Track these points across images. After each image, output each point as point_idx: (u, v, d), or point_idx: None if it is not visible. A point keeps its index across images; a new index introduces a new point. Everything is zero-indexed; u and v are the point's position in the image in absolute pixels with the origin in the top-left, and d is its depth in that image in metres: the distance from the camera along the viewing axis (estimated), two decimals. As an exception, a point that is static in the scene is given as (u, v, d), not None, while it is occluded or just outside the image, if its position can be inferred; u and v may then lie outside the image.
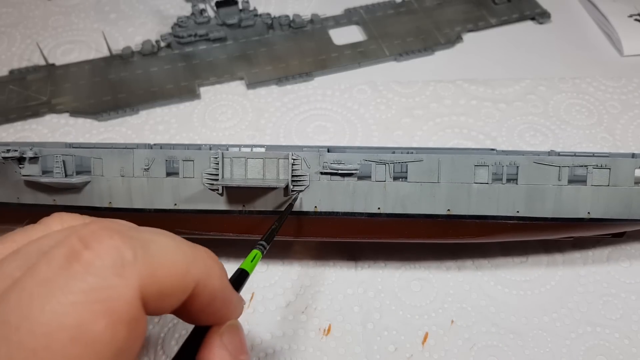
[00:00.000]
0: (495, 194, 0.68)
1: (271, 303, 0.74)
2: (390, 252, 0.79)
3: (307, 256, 0.79)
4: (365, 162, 0.68)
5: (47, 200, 0.72)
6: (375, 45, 1.12)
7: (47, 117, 1.02)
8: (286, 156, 0.67)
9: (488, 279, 0.76)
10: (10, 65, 1.12)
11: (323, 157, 0.68)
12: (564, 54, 1.10)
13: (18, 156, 0.70)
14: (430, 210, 0.68)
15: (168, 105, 1.03)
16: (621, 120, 0.96)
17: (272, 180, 0.68)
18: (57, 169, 0.70)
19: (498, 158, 0.67)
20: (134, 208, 0.71)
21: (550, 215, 0.68)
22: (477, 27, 1.16)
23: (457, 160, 0.67)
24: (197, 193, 0.70)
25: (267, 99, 1.03)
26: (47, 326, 0.30)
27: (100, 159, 0.70)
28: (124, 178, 0.70)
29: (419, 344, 0.70)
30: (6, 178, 0.72)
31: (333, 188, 0.68)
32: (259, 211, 0.70)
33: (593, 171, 0.67)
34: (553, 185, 0.67)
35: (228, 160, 0.68)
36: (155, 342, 0.71)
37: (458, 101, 1.01)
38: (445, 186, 0.68)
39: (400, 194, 0.68)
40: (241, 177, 0.68)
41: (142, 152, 0.70)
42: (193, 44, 1.12)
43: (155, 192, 0.70)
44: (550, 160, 0.67)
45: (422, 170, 0.67)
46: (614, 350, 0.68)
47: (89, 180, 0.70)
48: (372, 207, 0.69)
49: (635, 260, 0.77)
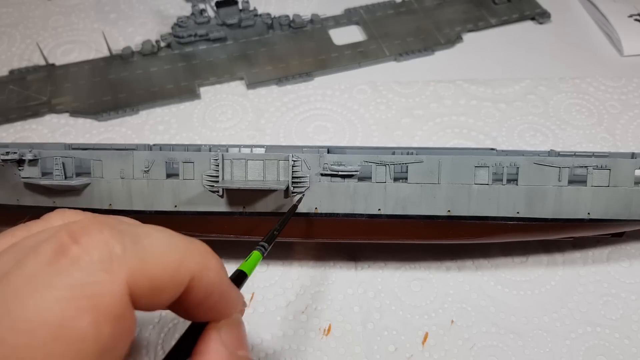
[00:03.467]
0: (495, 194, 0.67)
1: (271, 303, 0.74)
2: (390, 252, 0.79)
3: (307, 256, 0.79)
4: (366, 164, 0.68)
5: (46, 203, 0.72)
6: (375, 45, 1.12)
7: (47, 117, 1.02)
8: (286, 158, 0.67)
9: (488, 279, 0.76)
10: (10, 65, 1.12)
11: (323, 158, 0.68)
12: (564, 54, 1.10)
13: (17, 158, 0.69)
14: (430, 211, 0.68)
15: (168, 105, 1.03)
16: (621, 120, 0.96)
17: (273, 182, 0.68)
18: (56, 171, 0.70)
19: (498, 159, 0.67)
20: (134, 210, 0.71)
21: (550, 215, 0.68)
22: (477, 27, 1.16)
23: (458, 161, 0.67)
24: (197, 195, 0.69)
25: (267, 99, 1.03)
26: (28, 322, 0.29)
27: (100, 160, 0.70)
28: (124, 180, 0.70)
29: (419, 344, 0.70)
30: (5, 180, 0.72)
31: (333, 189, 0.68)
32: (260, 213, 0.70)
33: (593, 172, 0.67)
34: (553, 185, 0.67)
35: (228, 162, 0.68)
36: (155, 342, 0.71)
37: (458, 101, 1.01)
38: (445, 187, 0.67)
39: (401, 195, 0.68)
40: (241, 179, 0.68)
41: (142, 154, 0.70)
42: (193, 44, 1.12)
43: (155, 194, 0.70)
44: (550, 161, 0.67)
45: (423, 172, 0.67)
46: (614, 350, 0.68)
47: (89, 182, 0.70)
48: (372, 208, 0.69)
49: (635, 260, 0.77)
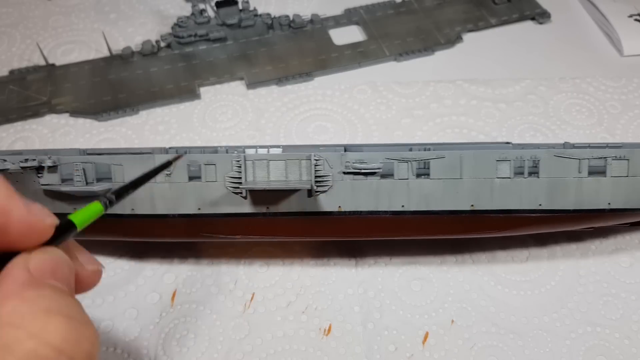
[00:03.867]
0: (517, 188, 0.68)
1: (271, 303, 0.74)
2: (391, 251, 0.79)
3: (308, 256, 0.79)
4: (388, 161, 0.68)
5: (67, 209, 0.71)
6: (375, 45, 1.12)
7: (47, 117, 1.02)
8: (308, 157, 0.67)
9: (488, 279, 0.76)
10: (10, 65, 1.12)
11: (345, 157, 0.68)
12: (564, 54, 1.10)
13: (37, 165, 0.68)
14: (454, 206, 0.69)
15: (168, 105, 1.03)
16: (621, 120, 0.96)
17: (296, 181, 0.68)
18: (77, 177, 0.69)
19: (519, 152, 0.68)
20: (157, 214, 0.71)
21: (572, 207, 0.69)
22: (477, 27, 1.16)
23: (479, 156, 0.68)
24: (221, 197, 0.69)
25: (267, 99, 1.03)
26: None
27: (121, 165, 0.69)
28: (146, 184, 0.70)
29: (419, 344, 0.70)
30: (24, 187, 0.70)
31: (356, 187, 0.69)
32: (283, 212, 0.70)
33: (612, 162, 0.68)
34: (574, 177, 0.68)
35: (250, 163, 0.68)
36: (156, 342, 0.71)
37: (458, 101, 1.01)
38: (468, 182, 0.68)
39: (424, 191, 0.69)
40: (264, 180, 0.68)
41: (164, 158, 0.69)
42: (193, 44, 1.12)
43: (178, 197, 0.70)
44: (570, 153, 0.68)
45: (445, 167, 0.68)
46: (614, 350, 0.68)
47: (110, 187, 0.70)
48: (396, 205, 0.69)
49: (636, 261, 0.77)
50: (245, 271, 0.78)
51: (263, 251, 0.79)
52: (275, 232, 0.72)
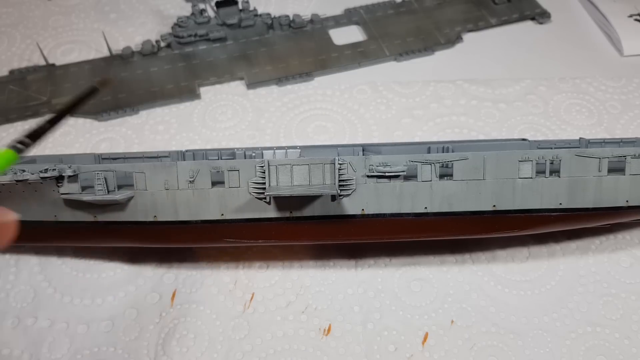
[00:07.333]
0: (538, 187, 0.69)
1: (271, 303, 0.74)
2: (390, 252, 0.79)
3: (307, 256, 0.79)
4: (411, 163, 0.68)
5: (87, 218, 0.71)
6: (375, 45, 1.12)
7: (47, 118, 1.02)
8: (332, 161, 0.67)
9: (488, 279, 0.76)
10: (10, 65, 1.12)
11: (369, 160, 0.68)
12: (564, 54, 1.10)
13: (57, 175, 0.68)
14: (476, 207, 0.69)
15: (168, 105, 1.03)
16: (621, 120, 0.96)
17: (319, 186, 0.67)
18: (98, 186, 0.68)
19: (541, 152, 0.68)
20: (180, 220, 0.70)
21: (591, 205, 0.70)
22: (477, 27, 1.16)
23: (502, 156, 0.68)
24: (244, 202, 0.69)
25: (267, 99, 1.03)
26: None
27: (143, 173, 0.69)
28: (168, 191, 0.69)
29: (419, 344, 0.70)
30: (43, 197, 0.70)
31: (380, 190, 0.69)
32: (307, 217, 0.70)
33: (631, 161, 0.68)
34: (594, 176, 0.69)
35: (274, 168, 0.68)
36: (156, 342, 0.71)
37: (458, 101, 1.01)
38: (490, 183, 0.68)
39: (447, 193, 0.69)
40: (287, 184, 0.68)
41: (186, 164, 0.69)
42: (193, 44, 1.12)
43: (201, 203, 0.69)
44: (591, 153, 0.68)
45: (468, 169, 0.68)
46: (614, 350, 0.68)
47: (132, 195, 0.69)
48: (419, 207, 0.69)
49: (636, 261, 0.77)
50: (245, 271, 0.78)
51: (263, 251, 0.79)
52: (298, 237, 0.72)
